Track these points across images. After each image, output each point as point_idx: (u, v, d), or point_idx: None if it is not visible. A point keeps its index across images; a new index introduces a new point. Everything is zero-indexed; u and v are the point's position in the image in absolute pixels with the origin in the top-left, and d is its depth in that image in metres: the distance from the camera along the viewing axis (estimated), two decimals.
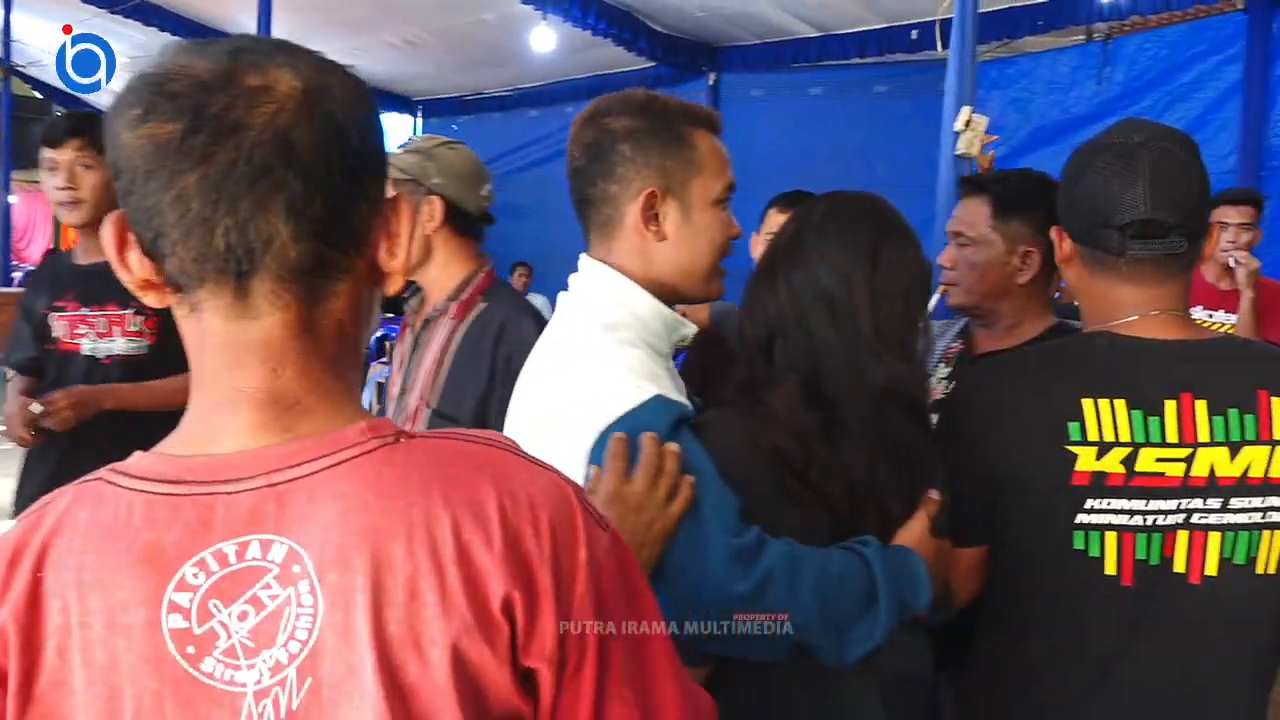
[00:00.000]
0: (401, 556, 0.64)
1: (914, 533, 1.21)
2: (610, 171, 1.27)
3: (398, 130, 11.97)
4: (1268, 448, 1.20)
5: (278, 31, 6.02)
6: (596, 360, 1.19)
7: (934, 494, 1.23)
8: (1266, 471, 1.20)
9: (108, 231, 0.68)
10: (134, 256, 0.68)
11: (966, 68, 3.14)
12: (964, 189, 1.92)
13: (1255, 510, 1.21)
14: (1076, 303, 1.47)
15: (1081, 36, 6.38)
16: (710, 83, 7.93)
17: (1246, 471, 1.20)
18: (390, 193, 0.75)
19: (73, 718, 0.63)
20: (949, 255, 1.87)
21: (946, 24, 3.29)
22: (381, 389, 5.37)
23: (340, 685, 0.63)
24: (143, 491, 0.66)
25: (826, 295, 1.22)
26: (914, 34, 6.40)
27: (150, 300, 0.70)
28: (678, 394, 1.21)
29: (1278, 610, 1.25)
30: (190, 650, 0.63)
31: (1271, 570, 1.22)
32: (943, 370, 1.93)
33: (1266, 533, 1.21)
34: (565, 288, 1.34)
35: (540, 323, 1.81)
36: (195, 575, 0.64)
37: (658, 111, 1.29)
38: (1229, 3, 5.59)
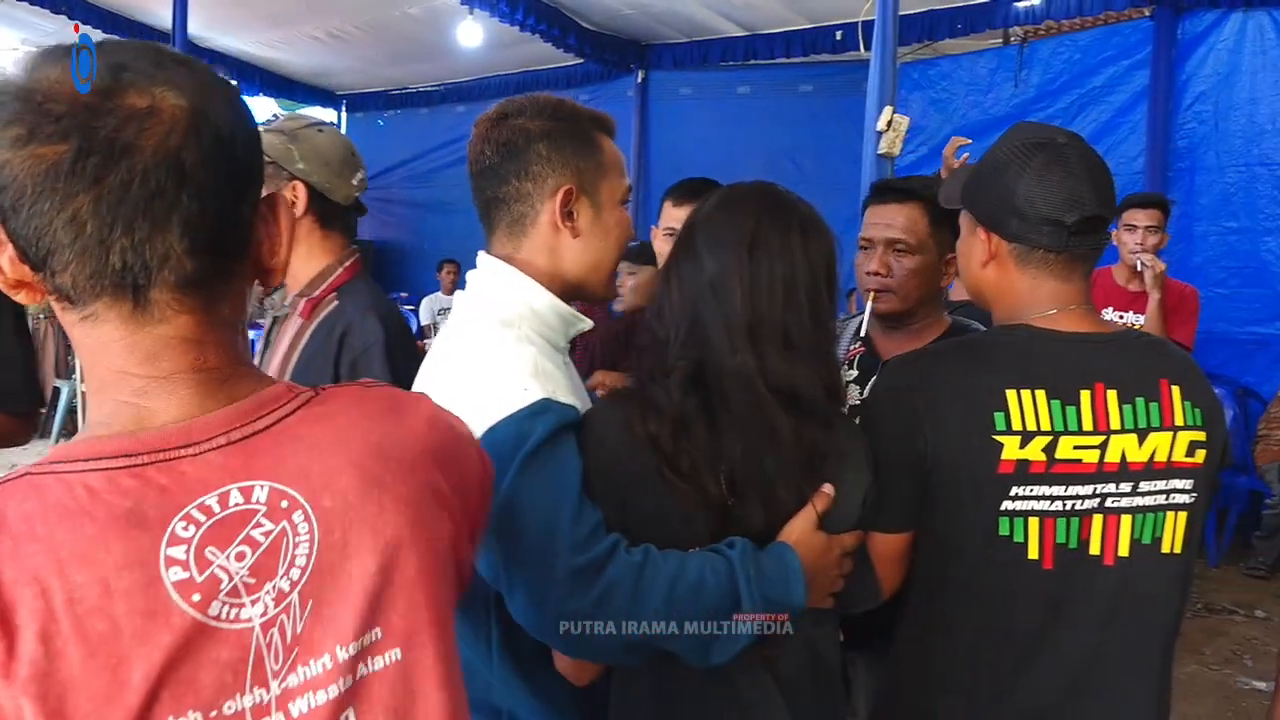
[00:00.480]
0: (379, 473, 0.74)
1: (795, 529, 1.21)
2: (526, 169, 1.29)
3: None
4: (1170, 433, 1.28)
5: (194, 24, 5.85)
6: (489, 358, 1.21)
7: (827, 488, 1.23)
8: (1169, 456, 1.27)
9: None
10: (6, 259, 0.69)
11: (888, 69, 3.20)
12: (893, 196, 1.88)
13: (1160, 493, 1.28)
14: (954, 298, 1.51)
15: (999, 40, 6.56)
16: (639, 80, 7.95)
17: (1153, 456, 1.27)
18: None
19: (73, 698, 0.62)
20: (883, 262, 1.83)
21: (869, 25, 3.35)
22: None
23: (344, 597, 0.72)
24: (98, 470, 0.67)
25: (710, 284, 1.23)
26: (838, 35, 6.51)
27: (22, 299, 0.71)
28: (571, 393, 1.22)
29: (1181, 588, 1.33)
30: (196, 598, 0.66)
31: (1176, 550, 1.29)
32: (849, 373, 1.90)
33: (1170, 513, 1.28)
34: None
35: (389, 324, 1.75)
36: (185, 528, 0.67)
37: (568, 115, 1.33)
38: (1137, 10, 5.79)
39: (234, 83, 0.83)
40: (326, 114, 10.94)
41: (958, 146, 2.63)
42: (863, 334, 1.95)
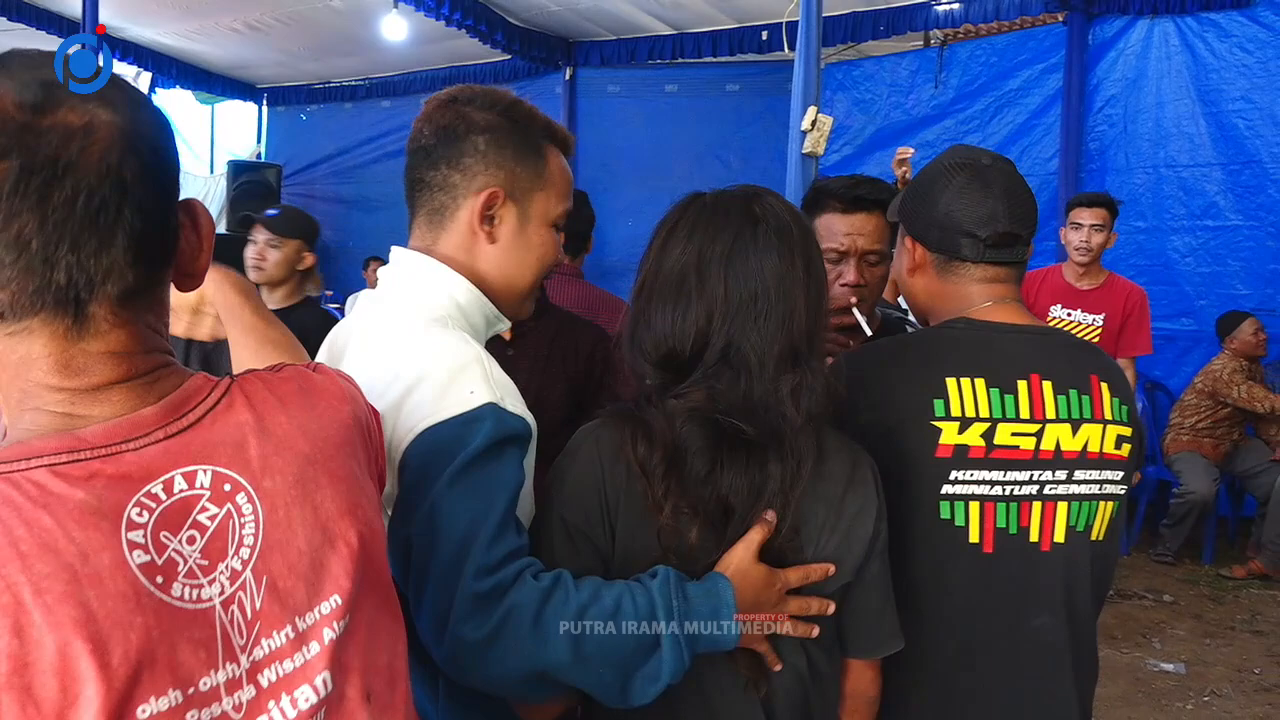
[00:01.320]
0: (309, 451, 0.79)
1: (734, 558, 1.11)
2: (458, 159, 1.23)
3: (241, 119, 11.45)
4: (1100, 425, 1.34)
5: (106, 14, 5.66)
6: (430, 355, 1.12)
7: (770, 515, 1.13)
8: (1101, 447, 1.34)
9: None
10: None
11: (812, 69, 3.24)
12: (867, 206, 1.81)
13: (1094, 483, 1.34)
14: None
15: (920, 42, 6.70)
16: (566, 77, 7.92)
17: (1086, 446, 1.33)
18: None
19: (54, 686, 0.62)
20: (857, 274, 1.79)
21: (794, 26, 3.39)
22: None
23: (294, 571, 0.75)
24: (41, 468, 0.67)
25: (752, 299, 1.15)
26: (764, 35, 6.58)
27: None
28: (516, 401, 1.14)
29: (1107, 573, 1.41)
30: (159, 580, 0.68)
31: (1102, 537, 1.36)
32: None
33: (1102, 503, 1.35)
34: None
35: None
36: (140, 514, 0.68)
37: (521, 116, 1.27)
38: (1051, 15, 5.97)
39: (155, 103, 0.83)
40: (247, 107, 10.69)
41: (903, 158, 2.69)
42: None
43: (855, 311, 1.78)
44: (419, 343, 1.15)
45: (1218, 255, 5.49)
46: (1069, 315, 4.15)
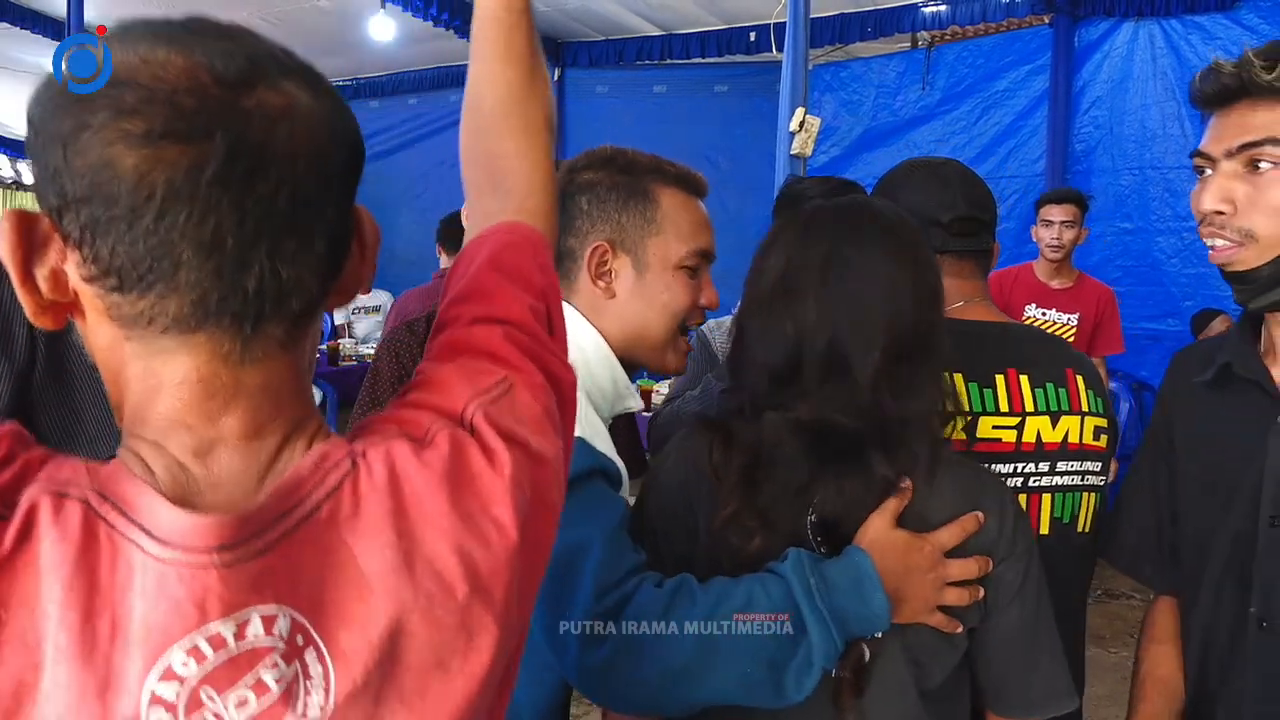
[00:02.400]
0: (410, 592, 0.58)
1: (869, 529, 1.03)
2: (570, 223, 1.23)
3: None
4: (1079, 417, 1.35)
5: (91, 13, 5.62)
6: None
7: (907, 483, 1.05)
8: (1080, 439, 1.35)
9: (9, 239, 0.55)
10: (45, 273, 0.56)
11: (800, 70, 3.24)
12: None
13: (1075, 474, 1.35)
14: None
15: (907, 44, 6.72)
16: (555, 78, 7.91)
17: (1066, 438, 1.34)
18: None
19: None
20: None
21: (781, 28, 3.40)
22: None
23: None
24: (136, 545, 0.53)
25: (878, 299, 1.08)
26: (752, 36, 6.59)
27: (45, 324, 0.58)
28: (606, 445, 1.13)
29: (1090, 566, 1.43)
30: None
31: (1087, 529, 1.37)
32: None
33: (1084, 494, 1.36)
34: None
35: None
36: (185, 664, 0.53)
37: (622, 165, 1.25)
38: (1037, 17, 5.99)
39: None
40: None
41: None
42: None
43: None
44: None
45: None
46: (1044, 315, 4.16)
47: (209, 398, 0.57)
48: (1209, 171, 1.17)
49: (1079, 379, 1.37)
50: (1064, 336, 4.07)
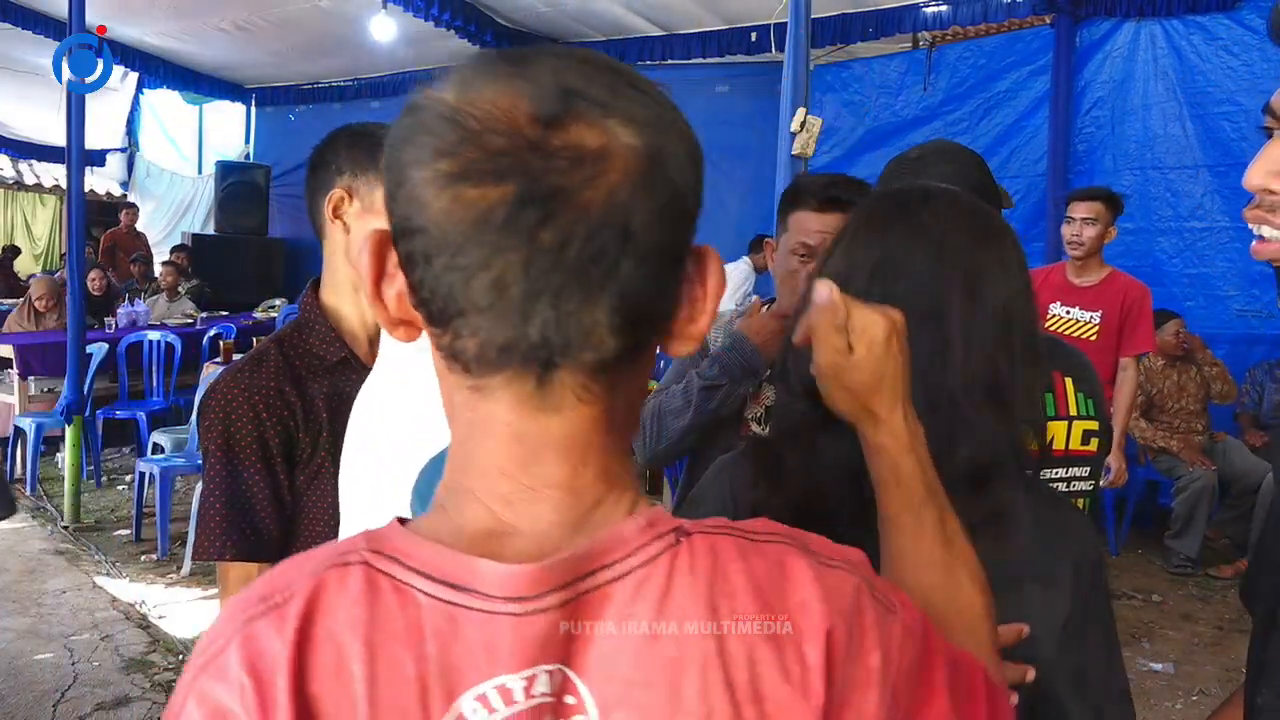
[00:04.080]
0: (695, 696, 0.54)
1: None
2: None
3: (229, 119, 11.41)
4: (1065, 423, 1.35)
5: (94, 14, 5.61)
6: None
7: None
8: (1067, 444, 1.35)
9: (368, 256, 0.58)
10: (394, 294, 0.58)
11: (801, 71, 3.24)
12: (840, 206, 1.74)
13: (1060, 480, 1.35)
14: None
15: (909, 44, 6.72)
16: None
17: (1051, 444, 1.33)
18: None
19: None
20: None
21: (782, 28, 3.40)
22: None
23: None
24: (421, 591, 0.54)
25: (1008, 315, 0.93)
26: (753, 36, 6.60)
27: (399, 337, 0.60)
28: None
29: None
30: None
31: None
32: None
33: (1072, 500, 1.35)
34: None
35: None
36: (475, 712, 0.53)
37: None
38: (1038, 18, 6.00)
39: (690, 127, 0.61)
40: (235, 108, 10.65)
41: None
42: None
43: None
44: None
45: (1205, 256, 5.52)
46: (1067, 313, 4.12)
47: (517, 442, 0.57)
48: (1278, 133, 0.86)
49: (1068, 381, 1.36)
50: (1084, 334, 4.03)
